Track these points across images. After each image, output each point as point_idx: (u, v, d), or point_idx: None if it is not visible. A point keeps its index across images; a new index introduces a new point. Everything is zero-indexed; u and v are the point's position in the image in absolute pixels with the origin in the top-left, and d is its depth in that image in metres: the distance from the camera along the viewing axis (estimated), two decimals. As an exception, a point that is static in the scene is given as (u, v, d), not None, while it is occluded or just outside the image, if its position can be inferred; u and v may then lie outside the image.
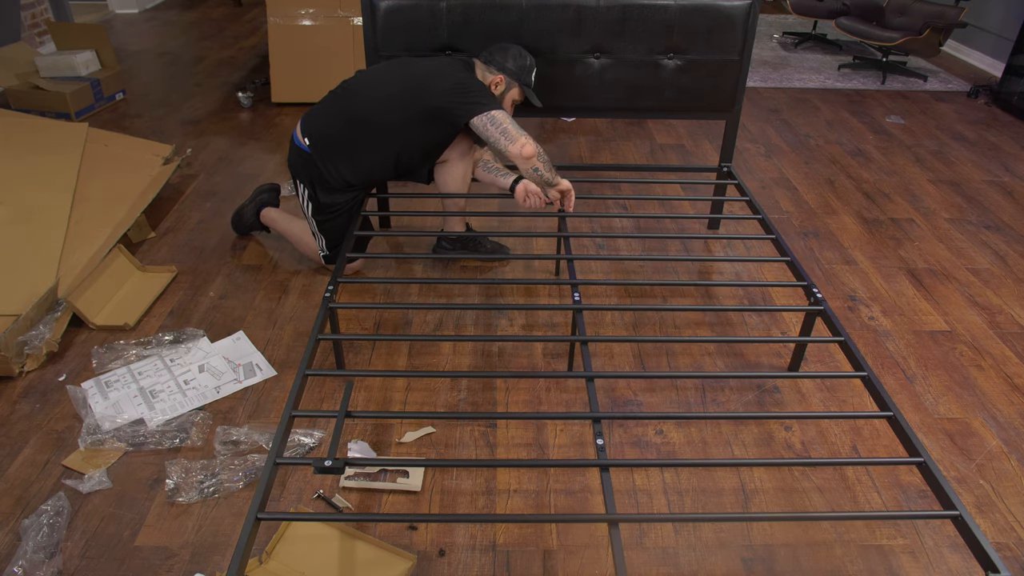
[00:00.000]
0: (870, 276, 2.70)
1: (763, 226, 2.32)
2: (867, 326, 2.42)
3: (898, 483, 1.84)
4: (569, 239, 2.25)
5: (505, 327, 2.35)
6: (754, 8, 2.52)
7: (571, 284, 2.02)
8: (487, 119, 2.17)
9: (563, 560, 1.62)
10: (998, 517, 1.76)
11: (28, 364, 2.11)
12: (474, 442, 1.93)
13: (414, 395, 2.07)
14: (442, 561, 1.60)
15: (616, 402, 2.07)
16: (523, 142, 2.17)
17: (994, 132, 4.10)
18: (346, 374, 1.90)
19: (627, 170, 3.42)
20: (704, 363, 2.23)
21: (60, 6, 5.00)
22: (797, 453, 1.93)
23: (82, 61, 4.03)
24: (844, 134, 4.00)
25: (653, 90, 2.65)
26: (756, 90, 4.69)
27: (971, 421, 2.05)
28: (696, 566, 1.62)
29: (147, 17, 6.10)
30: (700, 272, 2.73)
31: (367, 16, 2.49)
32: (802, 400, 2.10)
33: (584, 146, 3.73)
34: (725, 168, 2.75)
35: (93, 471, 1.78)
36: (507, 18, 2.49)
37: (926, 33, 4.48)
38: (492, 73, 2.34)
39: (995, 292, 2.63)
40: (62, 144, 2.85)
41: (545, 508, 1.74)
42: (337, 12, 3.96)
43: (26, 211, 2.45)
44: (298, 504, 1.73)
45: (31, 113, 3.71)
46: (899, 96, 4.65)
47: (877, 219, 3.10)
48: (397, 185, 3.23)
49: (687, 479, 1.83)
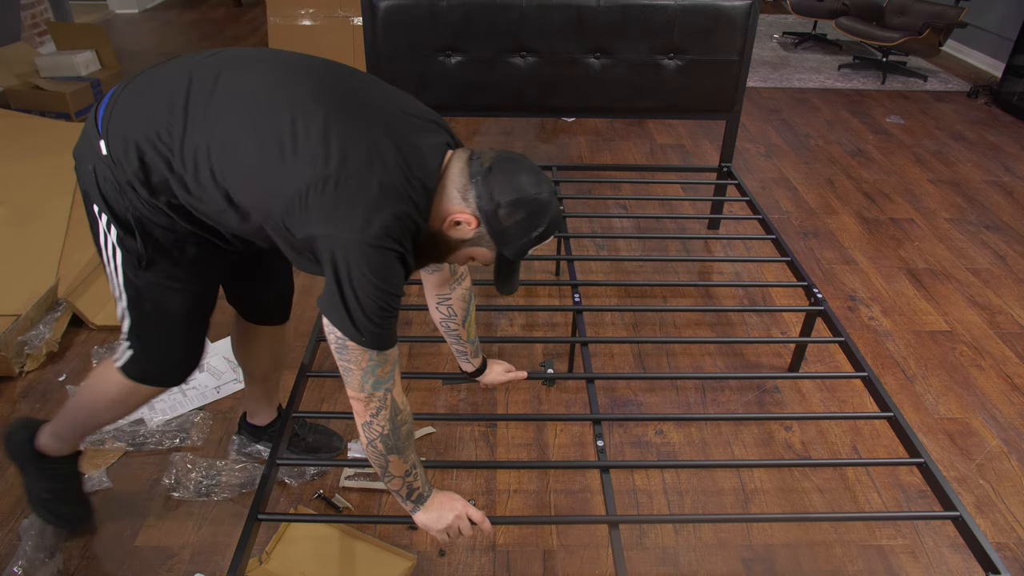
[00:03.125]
0: (870, 276, 2.70)
1: (763, 226, 2.32)
2: (867, 326, 2.42)
3: (898, 483, 1.84)
4: (569, 239, 2.25)
5: (505, 327, 2.35)
6: (754, 8, 2.52)
7: (571, 285, 2.02)
8: (341, 344, 1.17)
9: (563, 560, 1.62)
10: (998, 517, 1.76)
11: (28, 364, 2.11)
12: (474, 442, 1.92)
13: (414, 395, 2.07)
14: (442, 561, 1.60)
15: (616, 403, 2.07)
16: (363, 416, 1.23)
17: (994, 132, 4.10)
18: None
19: (627, 170, 3.42)
20: (704, 363, 2.23)
21: (60, 6, 5.00)
22: (797, 453, 1.93)
23: (82, 61, 4.02)
24: (844, 134, 4.00)
25: (653, 90, 2.65)
26: (756, 90, 4.69)
27: (971, 421, 2.05)
28: (696, 566, 1.62)
29: (147, 17, 6.10)
30: (700, 272, 2.73)
31: (367, 16, 2.48)
32: (802, 400, 2.10)
33: (584, 146, 3.73)
34: (725, 168, 2.75)
35: (93, 471, 1.78)
36: (507, 18, 2.48)
37: (926, 33, 4.48)
38: (465, 206, 1.18)
39: (995, 292, 2.63)
40: (62, 144, 2.85)
41: (545, 508, 1.74)
42: (337, 12, 3.96)
43: (26, 211, 2.45)
44: (298, 504, 1.73)
45: (31, 113, 3.71)
46: (899, 96, 4.65)
47: (877, 219, 3.10)
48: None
49: (687, 479, 1.83)
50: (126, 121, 1.23)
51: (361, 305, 1.14)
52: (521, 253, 1.22)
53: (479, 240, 1.22)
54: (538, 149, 3.66)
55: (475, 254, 1.26)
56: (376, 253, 1.11)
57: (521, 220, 1.18)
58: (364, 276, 1.12)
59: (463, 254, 1.26)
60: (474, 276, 1.74)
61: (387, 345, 1.20)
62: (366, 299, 1.13)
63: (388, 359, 1.21)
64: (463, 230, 1.20)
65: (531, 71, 2.58)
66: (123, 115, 1.23)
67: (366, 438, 1.24)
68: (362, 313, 1.14)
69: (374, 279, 1.12)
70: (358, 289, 1.13)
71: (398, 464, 1.27)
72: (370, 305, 1.14)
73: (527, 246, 1.21)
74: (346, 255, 1.11)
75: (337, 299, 1.14)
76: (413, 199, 1.16)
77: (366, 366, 1.19)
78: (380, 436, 1.24)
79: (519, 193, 1.17)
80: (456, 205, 1.18)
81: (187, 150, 1.18)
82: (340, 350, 1.18)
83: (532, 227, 1.19)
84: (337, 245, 1.11)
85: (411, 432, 1.28)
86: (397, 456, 1.26)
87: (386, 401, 1.23)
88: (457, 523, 1.34)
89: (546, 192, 1.19)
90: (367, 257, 1.11)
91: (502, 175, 1.17)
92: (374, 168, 1.12)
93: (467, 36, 2.51)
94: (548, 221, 1.20)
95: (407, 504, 1.33)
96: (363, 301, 1.13)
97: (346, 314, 1.14)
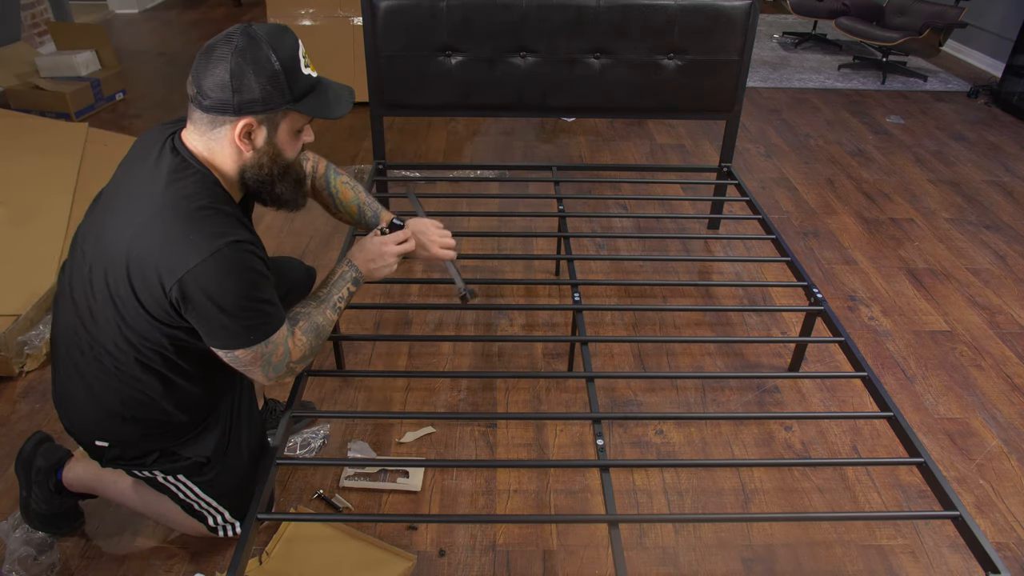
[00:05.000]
0: (870, 276, 2.70)
1: (763, 226, 2.32)
2: (867, 326, 2.42)
3: (898, 483, 1.84)
4: (569, 239, 2.25)
5: (505, 327, 2.35)
6: (754, 8, 2.52)
7: (571, 284, 2.02)
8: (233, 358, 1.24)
9: (563, 560, 1.62)
10: (998, 517, 1.76)
11: (28, 364, 2.11)
12: (474, 442, 1.92)
13: (414, 395, 2.07)
14: (442, 561, 1.60)
15: (616, 402, 2.07)
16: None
17: (994, 132, 4.10)
18: (346, 374, 1.90)
19: (627, 170, 3.42)
20: (704, 363, 2.23)
21: (60, 6, 4.99)
22: (797, 453, 1.93)
23: (82, 61, 4.02)
24: (844, 134, 4.00)
25: (653, 90, 2.65)
26: (756, 90, 4.69)
27: (971, 421, 2.05)
28: (696, 566, 1.62)
29: (147, 17, 6.10)
30: (700, 272, 2.73)
31: (367, 16, 2.49)
32: (802, 400, 2.10)
33: (584, 146, 3.73)
34: (725, 168, 2.75)
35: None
36: (507, 18, 2.48)
37: (926, 33, 4.48)
38: (229, 123, 1.19)
39: (995, 292, 2.63)
40: (62, 144, 2.85)
41: (545, 508, 1.74)
42: (337, 12, 3.96)
43: (26, 211, 2.45)
44: (298, 504, 1.73)
45: (31, 113, 3.71)
46: (899, 96, 4.65)
47: (877, 219, 3.10)
48: (397, 185, 3.23)
49: (687, 479, 1.83)
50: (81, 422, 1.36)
51: (233, 314, 1.19)
52: (295, 73, 1.20)
53: (271, 121, 1.21)
54: (538, 149, 3.67)
55: (287, 130, 1.24)
56: (216, 262, 1.15)
57: (257, 63, 1.16)
58: (221, 288, 1.16)
59: (284, 143, 1.26)
60: (474, 276, 1.72)
61: (272, 329, 1.25)
62: (233, 305, 1.18)
63: (276, 343, 1.27)
64: (254, 132, 1.21)
65: (531, 71, 2.58)
66: (75, 417, 1.36)
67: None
68: (238, 320, 1.20)
69: (234, 282, 1.18)
70: (223, 302, 1.17)
71: (327, 328, 1.41)
72: (239, 306, 1.19)
73: (290, 74, 1.19)
74: (197, 283, 1.15)
75: (215, 326, 1.19)
76: (191, 185, 1.20)
77: (261, 363, 1.26)
78: (307, 357, 1.37)
79: (230, 58, 1.15)
80: (225, 130, 1.20)
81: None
82: (233, 361, 1.26)
83: (269, 50, 1.17)
84: (190, 281, 1.14)
85: (317, 327, 1.38)
86: (325, 334, 1.41)
87: (293, 369, 1.34)
88: (391, 257, 1.51)
89: (234, 41, 1.16)
90: (216, 272, 1.15)
91: (205, 70, 1.17)
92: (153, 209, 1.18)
93: (467, 36, 2.51)
94: (268, 46, 1.17)
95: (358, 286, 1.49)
96: (231, 310, 1.18)
97: (227, 332, 1.20)
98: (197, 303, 1.16)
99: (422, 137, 3.80)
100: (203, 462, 1.40)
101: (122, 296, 1.20)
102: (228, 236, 1.17)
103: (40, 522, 1.58)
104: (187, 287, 1.14)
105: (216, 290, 1.15)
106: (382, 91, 2.60)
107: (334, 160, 3.48)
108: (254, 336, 1.22)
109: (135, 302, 1.19)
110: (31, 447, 1.58)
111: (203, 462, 1.40)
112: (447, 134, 3.83)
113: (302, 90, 1.21)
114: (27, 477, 1.56)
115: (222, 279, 1.15)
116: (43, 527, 1.59)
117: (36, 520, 1.58)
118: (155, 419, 1.33)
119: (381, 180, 2.71)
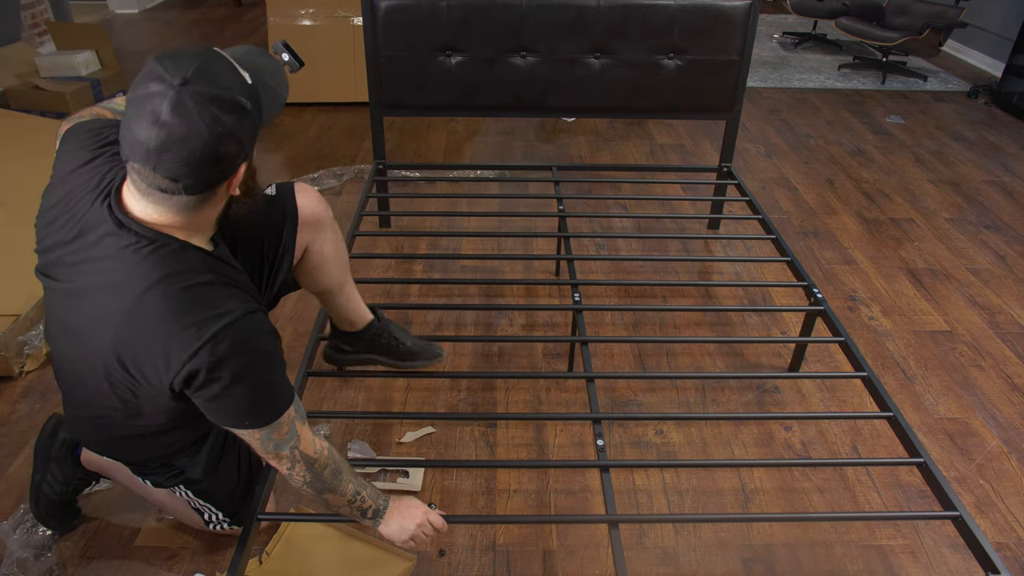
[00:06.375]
0: (870, 276, 2.70)
1: (763, 226, 2.32)
2: (867, 326, 2.42)
3: (898, 483, 1.84)
4: (569, 239, 2.25)
5: (505, 327, 2.35)
6: (754, 8, 2.52)
7: (571, 284, 2.02)
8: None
9: (563, 560, 1.62)
10: (998, 517, 1.76)
11: (28, 364, 2.11)
12: (474, 442, 1.92)
13: (414, 395, 2.07)
14: (442, 561, 1.60)
15: (616, 402, 2.07)
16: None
17: (994, 132, 4.10)
18: (346, 374, 1.90)
19: (627, 170, 3.42)
20: (704, 363, 2.23)
21: (60, 6, 5.00)
22: (797, 453, 1.93)
23: (82, 61, 4.02)
24: (844, 134, 4.00)
25: (653, 90, 2.65)
26: (756, 90, 4.69)
27: (971, 421, 2.05)
28: (696, 566, 1.62)
29: (147, 17, 6.10)
30: (700, 272, 2.73)
31: (367, 16, 2.49)
32: (802, 400, 2.10)
33: (584, 146, 3.73)
34: (725, 168, 2.75)
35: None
36: (507, 18, 2.48)
37: (926, 33, 4.48)
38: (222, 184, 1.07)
39: (995, 292, 2.63)
40: (62, 144, 2.85)
41: (545, 508, 1.74)
42: (337, 12, 3.96)
43: (26, 211, 2.45)
44: (298, 504, 1.73)
45: (31, 113, 3.71)
46: (899, 96, 4.65)
47: (877, 219, 3.10)
48: (397, 185, 3.23)
49: (687, 479, 1.83)
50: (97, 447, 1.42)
51: (251, 394, 1.10)
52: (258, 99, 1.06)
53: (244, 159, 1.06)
54: (538, 149, 3.67)
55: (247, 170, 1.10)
56: (232, 339, 1.05)
57: (241, 127, 1.01)
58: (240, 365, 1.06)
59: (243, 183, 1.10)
60: (474, 276, 1.72)
61: (275, 416, 1.14)
62: (253, 382, 1.09)
63: (280, 425, 1.14)
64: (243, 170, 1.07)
65: (531, 71, 2.58)
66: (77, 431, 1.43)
67: (295, 484, 1.23)
68: (256, 401, 1.10)
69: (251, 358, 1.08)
70: (240, 382, 1.07)
71: (336, 498, 1.27)
72: (257, 385, 1.10)
73: (256, 100, 1.05)
74: (218, 360, 1.04)
75: (228, 407, 1.10)
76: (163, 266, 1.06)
77: (260, 437, 1.14)
78: (305, 483, 1.22)
79: (210, 136, 0.98)
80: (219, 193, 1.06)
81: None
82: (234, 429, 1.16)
83: (241, 111, 1.01)
84: (207, 358, 1.04)
85: (338, 470, 1.25)
86: (332, 494, 1.25)
87: (295, 456, 1.18)
88: (419, 531, 1.34)
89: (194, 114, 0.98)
90: (235, 349, 1.05)
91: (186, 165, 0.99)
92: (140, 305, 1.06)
93: (467, 36, 2.51)
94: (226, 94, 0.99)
95: (365, 521, 1.33)
96: (252, 388, 1.09)
97: (241, 414, 1.11)
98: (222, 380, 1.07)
99: (422, 137, 3.80)
100: (197, 478, 1.43)
101: (117, 382, 1.15)
102: (223, 317, 1.06)
103: (47, 510, 1.59)
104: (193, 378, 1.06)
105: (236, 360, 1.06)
106: (382, 91, 2.60)
107: (334, 160, 3.48)
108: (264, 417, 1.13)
109: (131, 395, 1.17)
110: (53, 424, 1.59)
111: (197, 478, 1.43)
112: (447, 134, 3.83)
113: (260, 101, 1.08)
114: (47, 453, 1.56)
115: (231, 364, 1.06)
116: (49, 517, 1.60)
117: (44, 508, 1.58)
118: (155, 455, 1.39)
119: (381, 180, 2.71)
